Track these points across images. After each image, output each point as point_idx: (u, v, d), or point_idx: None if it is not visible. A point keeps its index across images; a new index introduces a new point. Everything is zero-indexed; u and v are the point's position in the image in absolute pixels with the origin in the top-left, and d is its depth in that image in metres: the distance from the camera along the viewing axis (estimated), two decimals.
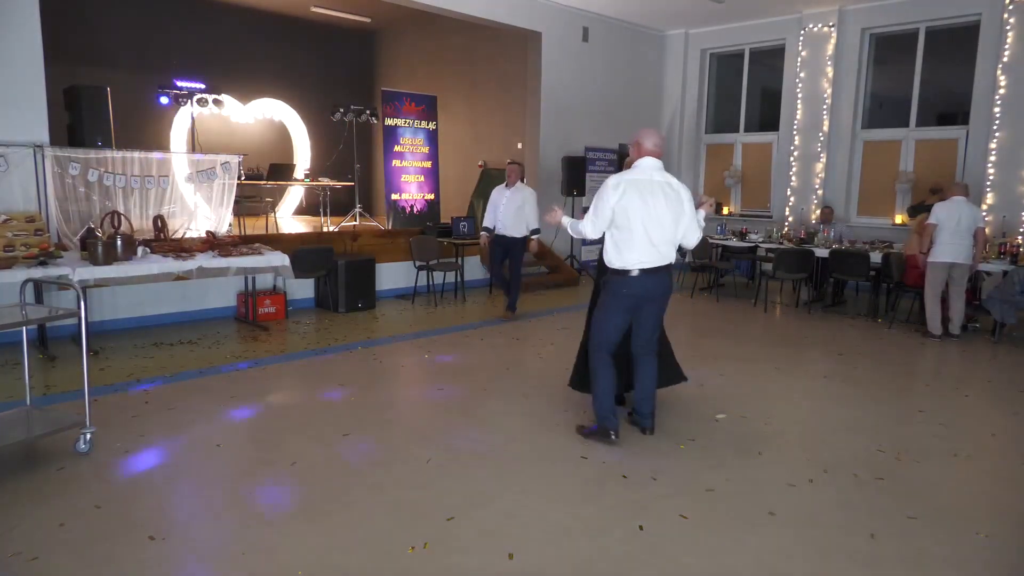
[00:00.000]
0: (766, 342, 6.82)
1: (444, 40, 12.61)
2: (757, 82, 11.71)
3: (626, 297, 3.87)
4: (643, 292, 3.86)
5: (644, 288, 3.85)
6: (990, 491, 3.53)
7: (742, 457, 3.86)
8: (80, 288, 3.61)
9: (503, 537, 2.93)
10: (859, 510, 3.25)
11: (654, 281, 3.85)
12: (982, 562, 2.85)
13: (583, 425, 4.17)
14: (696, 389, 4.99)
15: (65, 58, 8.69)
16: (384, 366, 5.61)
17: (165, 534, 2.91)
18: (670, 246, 3.87)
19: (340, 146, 11.63)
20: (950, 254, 6.71)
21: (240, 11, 12.18)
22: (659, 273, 3.86)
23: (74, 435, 3.70)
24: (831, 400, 4.98)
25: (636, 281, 3.82)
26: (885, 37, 10.22)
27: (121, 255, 5.64)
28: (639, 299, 3.89)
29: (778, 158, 11.15)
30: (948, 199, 6.85)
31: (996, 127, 8.85)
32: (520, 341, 6.59)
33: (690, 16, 11.08)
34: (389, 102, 10.31)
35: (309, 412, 4.50)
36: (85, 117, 7.15)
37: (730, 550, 2.87)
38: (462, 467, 3.65)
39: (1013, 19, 8.67)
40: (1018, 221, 8.70)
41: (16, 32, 6.13)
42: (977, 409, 4.97)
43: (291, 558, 2.75)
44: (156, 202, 7.24)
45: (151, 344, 6.08)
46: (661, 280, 3.88)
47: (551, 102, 10.46)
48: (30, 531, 2.91)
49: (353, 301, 7.69)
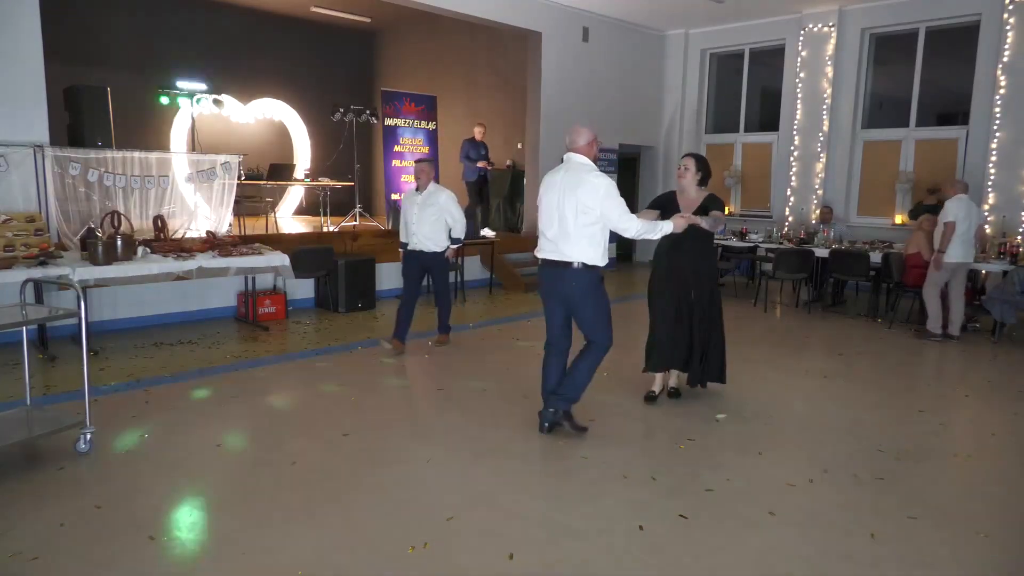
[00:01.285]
0: (766, 342, 6.82)
1: (444, 40, 12.61)
2: (757, 82, 11.71)
3: (538, 287, 4.16)
4: (540, 283, 4.09)
5: (540, 279, 4.09)
6: (990, 491, 3.53)
7: (742, 457, 3.86)
8: (80, 288, 3.60)
9: (503, 537, 2.93)
10: (859, 510, 3.25)
11: (546, 274, 4.00)
12: (982, 562, 2.85)
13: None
14: (696, 389, 4.99)
15: (65, 58, 8.69)
16: (384, 366, 5.61)
17: (165, 534, 2.91)
18: (564, 241, 3.84)
19: (340, 146, 11.63)
20: (962, 254, 6.61)
21: (240, 11, 12.19)
22: (554, 267, 3.91)
23: (74, 435, 3.69)
24: (831, 400, 4.98)
25: (539, 271, 4.09)
26: (885, 37, 10.22)
27: (121, 255, 5.64)
28: (541, 289, 4.10)
29: (778, 158, 11.15)
30: (955, 197, 6.65)
31: (996, 127, 8.85)
32: (520, 341, 6.59)
33: (690, 16, 11.09)
34: (389, 102, 10.32)
35: (309, 412, 4.50)
36: (85, 117, 7.16)
37: (730, 550, 2.87)
38: (462, 467, 3.65)
39: (1013, 19, 8.67)
40: (1018, 221, 8.70)
41: (16, 32, 6.13)
42: (977, 409, 4.97)
43: (291, 558, 2.75)
44: (156, 202, 7.24)
45: (151, 344, 6.08)
46: (553, 274, 3.93)
47: (551, 102, 10.46)
48: (30, 531, 2.91)
49: (353, 301, 7.69)
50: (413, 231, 5.91)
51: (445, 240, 5.97)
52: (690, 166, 4.51)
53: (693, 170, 4.51)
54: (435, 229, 5.89)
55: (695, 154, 4.63)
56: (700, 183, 4.54)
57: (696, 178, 4.51)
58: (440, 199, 5.86)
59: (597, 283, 3.94)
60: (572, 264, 3.84)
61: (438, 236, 5.92)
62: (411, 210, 5.92)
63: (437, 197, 5.87)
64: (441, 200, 5.86)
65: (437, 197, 5.87)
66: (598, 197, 3.76)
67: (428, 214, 5.85)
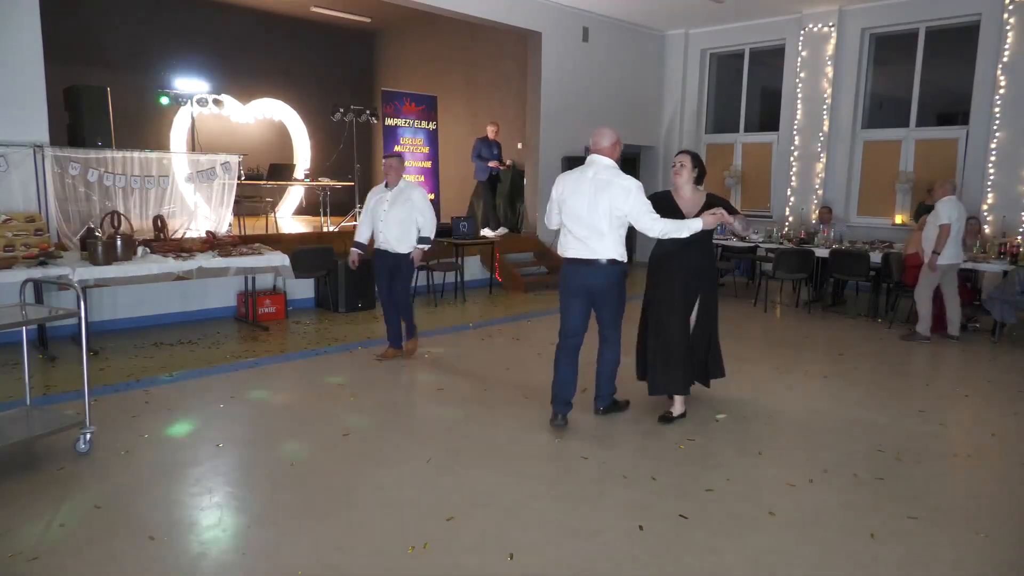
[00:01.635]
0: (766, 342, 6.82)
1: (444, 40, 12.61)
2: (757, 82, 11.71)
3: (561, 283, 4.24)
4: (565, 279, 4.19)
5: (565, 275, 4.19)
6: (990, 491, 3.53)
7: (742, 457, 3.86)
8: (80, 288, 3.61)
9: (503, 537, 2.93)
10: (859, 510, 3.25)
11: (573, 271, 4.12)
12: (982, 562, 2.85)
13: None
14: (696, 389, 4.98)
15: (65, 58, 8.68)
16: (384, 366, 5.61)
17: (165, 534, 2.91)
18: (596, 239, 4.02)
19: (340, 146, 11.62)
20: (954, 255, 6.62)
21: (240, 11, 12.18)
22: (585, 264, 4.06)
23: (74, 435, 3.69)
24: (831, 400, 4.98)
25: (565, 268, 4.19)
26: (885, 37, 10.22)
27: (121, 255, 5.64)
28: (564, 285, 4.20)
29: (778, 158, 11.15)
30: (947, 199, 6.63)
31: (996, 127, 8.85)
32: (520, 341, 6.59)
33: (690, 16, 11.08)
34: (389, 102, 10.32)
35: (309, 412, 4.50)
36: (85, 117, 7.15)
37: (730, 550, 2.87)
38: (462, 467, 3.65)
39: (1013, 19, 8.67)
40: (1018, 221, 8.70)
41: (16, 32, 6.12)
42: (977, 409, 4.97)
43: (291, 558, 2.75)
44: (156, 202, 7.24)
45: (151, 344, 6.08)
46: (583, 271, 4.07)
47: (551, 102, 10.46)
48: (30, 531, 2.91)
49: (353, 301, 7.69)
50: (381, 229, 5.58)
51: (413, 240, 5.61)
52: (686, 163, 4.38)
53: (689, 167, 4.38)
54: (405, 229, 5.54)
55: (690, 151, 4.55)
56: (696, 181, 4.43)
57: (692, 176, 4.40)
58: (413, 196, 5.58)
59: (623, 278, 4.17)
60: (603, 260, 4.03)
61: (407, 236, 5.56)
62: (379, 208, 5.57)
63: (410, 194, 5.57)
64: (415, 197, 5.58)
65: (410, 194, 5.57)
66: (629, 198, 3.96)
67: (398, 212, 5.50)
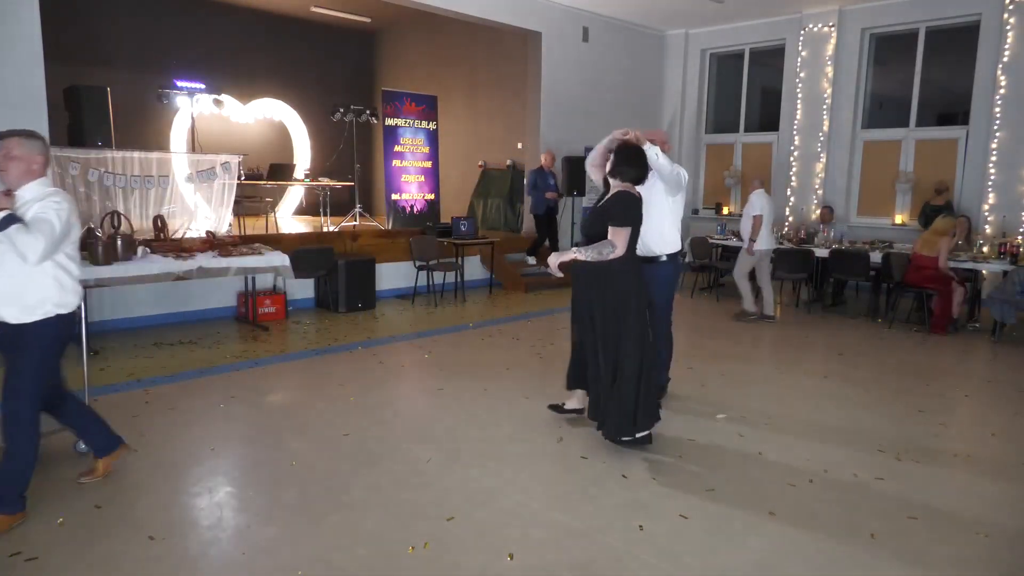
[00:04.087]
0: (766, 342, 6.82)
1: (444, 40, 12.61)
2: (757, 82, 11.71)
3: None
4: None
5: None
6: (990, 491, 3.53)
7: (742, 457, 3.86)
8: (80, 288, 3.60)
9: (503, 537, 2.93)
10: (859, 510, 3.25)
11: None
12: (982, 562, 2.85)
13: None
14: (696, 389, 5.00)
15: (65, 58, 8.68)
16: (384, 366, 5.61)
17: (165, 534, 2.91)
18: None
19: (340, 146, 11.63)
20: (768, 242, 7.55)
21: (240, 11, 12.19)
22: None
23: (74, 435, 3.69)
24: (831, 400, 4.98)
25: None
26: (885, 37, 10.22)
27: (121, 255, 5.63)
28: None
29: (778, 158, 11.15)
30: (758, 192, 7.46)
31: (996, 127, 8.85)
32: (520, 341, 6.59)
33: (690, 16, 11.08)
34: (389, 102, 10.31)
35: (309, 412, 4.50)
36: (85, 117, 7.17)
37: (730, 550, 2.87)
38: (462, 467, 3.65)
39: (1013, 19, 8.67)
40: (1018, 221, 8.70)
41: (16, 32, 6.12)
42: (977, 409, 4.97)
43: (291, 558, 2.75)
44: (156, 202, 7.25)
45: (151, 344, 6.08)
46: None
47: (551, 102, 10.46)
48: (30, 531, 2.91)
49: (353, 301, 7.69)
50: None
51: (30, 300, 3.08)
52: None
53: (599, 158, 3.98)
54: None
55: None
56: (611, 175, 3.82)
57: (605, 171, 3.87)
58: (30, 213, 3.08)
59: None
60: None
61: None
62: None
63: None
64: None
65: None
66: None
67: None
